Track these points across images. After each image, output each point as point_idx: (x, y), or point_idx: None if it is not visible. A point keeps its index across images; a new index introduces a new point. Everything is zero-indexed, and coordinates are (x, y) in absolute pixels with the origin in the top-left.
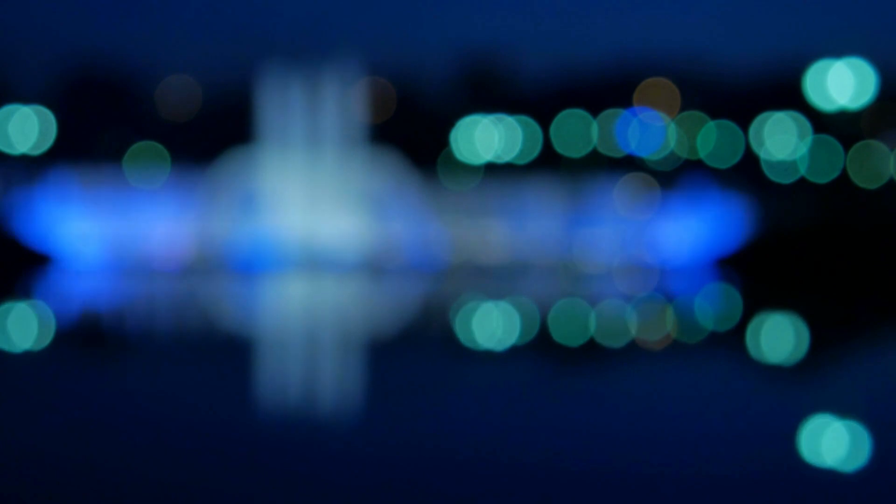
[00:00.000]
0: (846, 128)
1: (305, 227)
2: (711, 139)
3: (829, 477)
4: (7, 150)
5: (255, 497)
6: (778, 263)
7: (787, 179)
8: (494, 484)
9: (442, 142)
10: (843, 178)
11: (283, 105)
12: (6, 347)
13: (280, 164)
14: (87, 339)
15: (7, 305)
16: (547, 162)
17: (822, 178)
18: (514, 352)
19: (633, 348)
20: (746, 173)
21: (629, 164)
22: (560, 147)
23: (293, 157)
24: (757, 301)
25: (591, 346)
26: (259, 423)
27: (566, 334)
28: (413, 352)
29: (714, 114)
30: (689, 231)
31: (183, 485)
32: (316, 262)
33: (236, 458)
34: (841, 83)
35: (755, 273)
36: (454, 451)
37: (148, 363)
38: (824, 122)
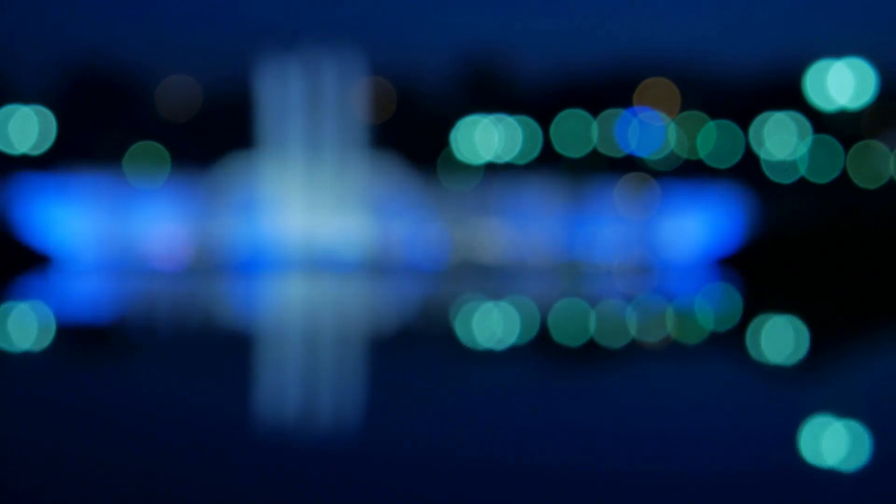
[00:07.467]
0: (846, 128)
1: (306, 227)
2: (711, 139)
3: (829, 477)
4: (7, 150)
5: (255, 497)
6: (778, 263)
7: (787, 179)
8: (494, 484)
9: (442, 142)
10: (843, 178)
11: (282, 104)
12: (6, 347)
13: (280, 163)
14: (86, 339)
15: (7, 305)
16: (547, 162)
17: (822, 178)
18: (514, 352)
19: (633, 349)
20: (746, 173)
21: (629, 164)
22: (560, 147)
23: (293, 156)
24: (757, 301)
25: (591, 347)
26: (259, 424)
27: (566, 334)
28: (413, 352)
29: (714, 114)
30: (688, 231)
31: (183, 485)
32: (316, 262)
33: (236, 458)
34: (841, 83)
35: (755, 273)
36: (454, 451)
37: (148, 364)
38: (824, 122)
